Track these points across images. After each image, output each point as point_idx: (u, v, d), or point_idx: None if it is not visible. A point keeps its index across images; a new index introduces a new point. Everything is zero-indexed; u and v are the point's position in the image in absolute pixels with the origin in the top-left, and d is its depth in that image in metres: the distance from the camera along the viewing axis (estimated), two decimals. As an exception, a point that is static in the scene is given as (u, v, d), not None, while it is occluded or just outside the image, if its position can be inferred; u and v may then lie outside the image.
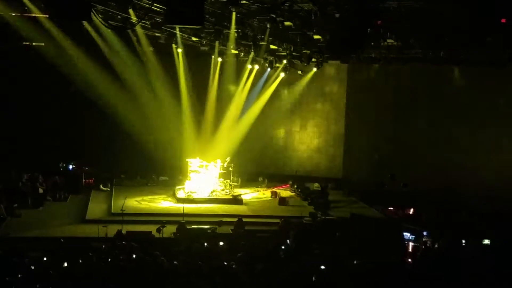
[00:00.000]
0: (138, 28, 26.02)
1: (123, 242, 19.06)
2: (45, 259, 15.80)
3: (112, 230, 20.70)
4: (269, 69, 32.09)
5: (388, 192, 28.67)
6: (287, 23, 22.86)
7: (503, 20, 20.78)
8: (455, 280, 14.50)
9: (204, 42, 28.20)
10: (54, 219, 24.67)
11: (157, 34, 27.14)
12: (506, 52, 25.55)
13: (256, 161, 32.65)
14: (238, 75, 32.64)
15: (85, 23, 25.17)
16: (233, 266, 15.16)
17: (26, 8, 23.50)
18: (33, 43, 28.10)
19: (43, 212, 26.09)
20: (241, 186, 31.28)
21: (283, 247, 18.40)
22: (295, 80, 33.06)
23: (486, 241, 18.84)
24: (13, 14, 24.54)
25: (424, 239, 19.15)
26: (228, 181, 29.44)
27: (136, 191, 29.36)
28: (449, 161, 30.18)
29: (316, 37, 24.83)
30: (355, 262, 15.95)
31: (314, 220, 24.77)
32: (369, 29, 19.53)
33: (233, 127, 32.84)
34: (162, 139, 31.21)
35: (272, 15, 22.05)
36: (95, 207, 26.54)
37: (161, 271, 14.62)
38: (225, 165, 29.29)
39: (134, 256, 16.31)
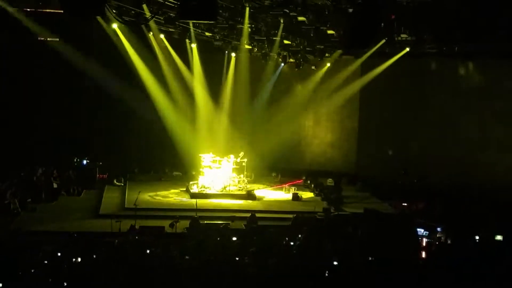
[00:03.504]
0: (152, 24, 26.05)
1: (136, 237, 19.13)
2: (58, 253, 15.85)
3: (125, 224, 20.73)
4: (282, 64, 32.10)
5: (401, 187, 28.61)
6: (300, 18, 22.85)
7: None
8: (468, 276, 14.42)
9: (218, 37, 28.19)
10: (67, 213, 24.79)
11: (170, 30, 27.19)
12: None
13: (269, 156, 32.59)
14: (252, 70, 32.60)
15: (99, 18, 25.29)
16: (246, 261, 15.17)
17: (40, 3, 23.59)
18: (48, 39, 28.24)
19: (57, 206, 26.24)
20: (255, 181, 31.30)
21: (296, 243, 18.37)
22: (309, 75, 32.97)
23: (499, 237, 18.73)
24: (28, 9, 24.65)
25: (438, 235, 19.06)
26: (242, 176, 29.45)
27: (150, 186, 29.48)
28: (462, 155, 30.12)
29: (329, 32, 24.82)
30: (369, 258, 15.90)
31: (327, 215, 24.73)
32: (382, 24, 19.50)
33: (247, 122, 32.83)
34: (176, 134, 31.20)
35: (285, 10, 22.04)
36: (109, 202, 26.65)
37: (174, 266, 14.65)
38: (238, 160, 29.30)
39: (147, 251, 16.34)
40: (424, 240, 18.81)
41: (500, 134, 29.08)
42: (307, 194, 29.95)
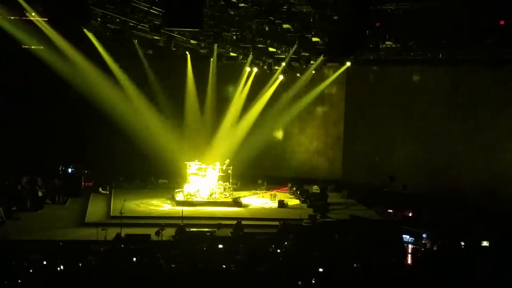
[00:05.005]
0: (137, 32, 26.01)
1: (122, 245, 19.07)
2: (44, 262, 15.78)
3: (111, 233, 20.67)
4: (268, 71, 32.12)
5: (387, 194, 28.67)
6: (285, 26, 22.87)
7: (502, 22, 20.84)
8: (455, 282, 14.48)
9: (203, 45, 28.20)
10: (53, 222, 24.72)
11: (156, 38, 27.15)
12: (504, 53, 25.62)
13: (255, 164, 32.58)
14: (237, 78, 32.62)
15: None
16: (232, 269, 15.16)
17: (25, 11, 23.52)
18: (32, 47, 28.14)
19: (42, 215, 26.14)
20: (240, 189, 31.29)
21: (282, 250, 18.37)
22: (294, 82, 33.00)
23: (485, 243, 18.80)
24: (12, 17, 24.56)
25: (423, 241, 19.12)
26: (227, 183, 29.45)
27: (135, 194, 29.33)
28: (448, 162, 30.26)
29: (314, 39, 24.84)
30: (354, 265, 15.92)
31: (313, 222, 24.76)
32: (367, 31, 19.55)
33: (232, 130, 32.81)
34: (161, 142, 31.14)
35: (271, 17, 22.06)
36: (94, 210, 26.59)
37: (160, 274, 14.62)
38: (224, 167, 29.31)
39: (133, 259, 16.30)
40: (410, 246, 18.86)
41: (484, 142, 29.20)
42: (293, 201, 29.99)
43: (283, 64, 30.46)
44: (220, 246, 18.92)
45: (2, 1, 23.01)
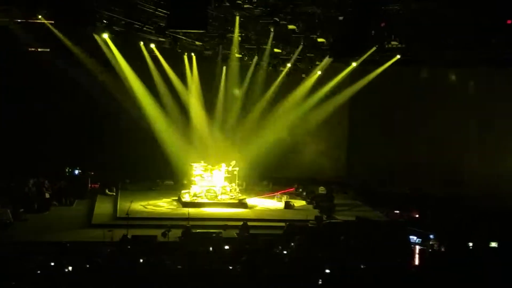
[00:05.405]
0: (143, 33, 26.04)
1: (129, 247, 19.09)
2: (51, 263, 15.81)
3: (117, 234, 20.65)
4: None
5: (393, 195, 28.64)
6: (290, 26, 22.92)
7: (509, 21, 20.83)
8: (463, 283, 14.46)
9: (208, 47, 28.21)
10: (60, 223, 24.71)
11: (161, 39, 27.19)
12: (508, 54, 25.61)
13: (260, 165, 32.55)
14: (242, 79, 32.62)
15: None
16: (238, 270, 15.17)
17: (31, 14, 23.57)
18: (39, 49, 28.21)
19: (49, 216, 26.14)
20: (246, 190, 31.28)
21: (288, 251, 18.37)
22: (299, 83, 32.99)
23: (493, 244, 18.75)
24: (19, 20, 24.63)
25: (430, 242, 19.09)
26: (233, 185, 29.44)
27: (141, 196, 29.32)
28: (452, 162, 30.23)
29: (319, 40, 24.87)
30: (361, 266, 15.90)
31: (319, 223, 24.73)
32: (372, 32, 19.58)
33: (238, 131, 32.83)
34: (167, 144, 31.16)
35: (276, 18, 22.08)
36: (101, 212, 26.57)
37: (167, 275, 14.64)
38: (229, 169, 29.29)
39: (140, 260, 16.32)
40: (417, 247, 18.83)
41: (490, 143, 29.17)
42: (299, 202, 29.97)
43: (288, 65, 30.50)
44: (226, 247, 18.93)
45: (8, 3, 23.08)
